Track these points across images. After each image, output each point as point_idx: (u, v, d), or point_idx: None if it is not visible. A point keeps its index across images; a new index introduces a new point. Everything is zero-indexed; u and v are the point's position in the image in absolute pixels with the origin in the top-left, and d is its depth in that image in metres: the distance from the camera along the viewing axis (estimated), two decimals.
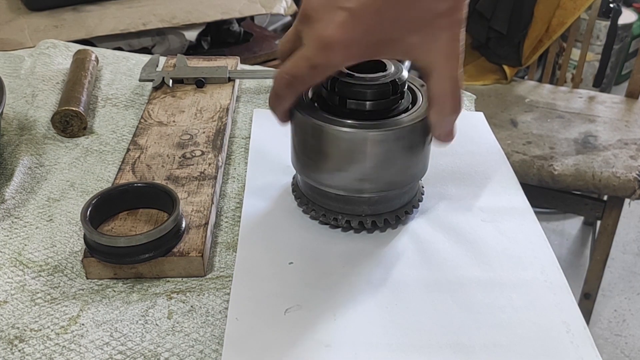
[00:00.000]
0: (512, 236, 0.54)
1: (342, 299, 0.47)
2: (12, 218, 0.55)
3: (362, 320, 0.45)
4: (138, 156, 0.60)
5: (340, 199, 0.52)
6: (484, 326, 0.45)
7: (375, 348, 0.43)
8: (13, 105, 0.73)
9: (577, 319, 0.46)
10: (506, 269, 0.50)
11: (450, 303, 0.47)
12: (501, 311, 0.46)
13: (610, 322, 1.69)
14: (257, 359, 0.42)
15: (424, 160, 0.52)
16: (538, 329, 0.45)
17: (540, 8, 1.63)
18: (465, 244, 0.53)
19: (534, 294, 0.48)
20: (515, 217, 0.56)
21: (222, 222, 0.55)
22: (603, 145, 1.44)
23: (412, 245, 0.52)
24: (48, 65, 0.81)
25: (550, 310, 0.46)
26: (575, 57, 1.79)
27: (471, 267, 0.50)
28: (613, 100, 1.64)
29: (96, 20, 1.40)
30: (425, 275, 0.49)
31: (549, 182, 1.36)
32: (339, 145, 0.48)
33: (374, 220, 0.52)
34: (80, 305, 0.47)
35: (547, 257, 0.51)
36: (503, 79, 1.71)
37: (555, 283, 0.49)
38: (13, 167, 0.62)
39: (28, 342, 0.44)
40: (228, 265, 0.51)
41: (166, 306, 0.47)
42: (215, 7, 1.52)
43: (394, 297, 0.47)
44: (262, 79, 0.79)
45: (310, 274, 0.49)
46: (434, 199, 0.58)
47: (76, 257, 0.51)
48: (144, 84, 0.77)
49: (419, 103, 0.50)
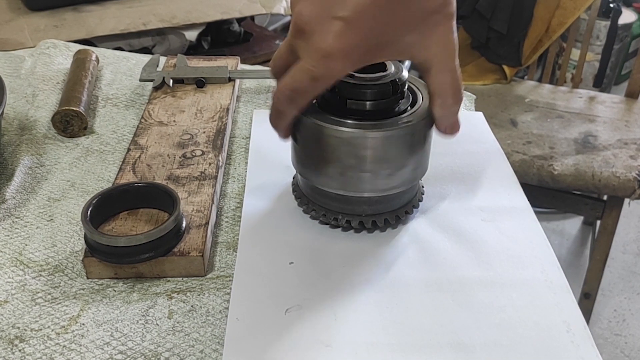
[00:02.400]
0: (512, 235, 0.54)
1: (342, 299, 0.47)
2: (13, 218, 0.55)
3: (362, 320, 0.45)
4: (138, 156, 0.60)
5: (340, 199, 0.52)
6: (485, 325, 0.45)
7: (375, 348, 0.43)
8: (14, 105, 0.73)
9: (577, 318, 0.46)
10: (506, 268, 0.50)
11: (451, 302, 0.47)
12: (501, 310, 0.46)
13: (610, 322, 1.69)
14: (258, 359, 0.42)
15: (424, 160, 0.52)
16: (538, 329, 0.45)
17: (540, 8, 1.63)
18: (466, 243, 0.53)
19: (534, 293, 0.48)
20: (515, 216, 0.56)
21: (222, 221, 0.55)
22: (603, 145, 1.44)
23: (412, 245, 0.52)
24: (48, 65, 0.82)
25: (551, 310, 0.47)
26: (575, 57, 1.79)
27: (471, 266, 0.50)
28: (613, 100, 1.64)
29: (96, 20, 1.40)
30: (426, 275, 0.50)
31: (549, 182, 1.36)
32: (339, 145, 0.48)
33: (374, 220, 0.53)
34: (80, 305, 0.47)
35: (547, 257, 0.51)
36: (503, 78, 1.71)
37: (555, 282, 0.49)
38: (14, 167, 0.62)
39: (28, 342, 0.44)
40: (228, 265, 0.51)
41: (166, 306, 0.47)
42: (215, 7, 1.52)
43: (395, 297, 0.47)
44: (262, 79, 0.79)
45: (311, 274, 0.49)
46: (434, 199, 0.58)
47: (77, 256, 0.51)
48: (144, 83, 0.77)
49: (419, 103, 0.50)
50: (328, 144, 0.48)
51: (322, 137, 0.48)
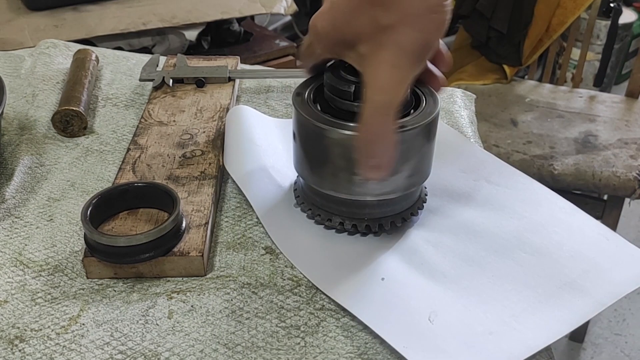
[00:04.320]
0: (523, 199, 0.57)
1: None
2: (13, 218, 0.55)
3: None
4: (138, 156, 0.60)
5: (344, 202, 0.51)
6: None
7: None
8: (13, 105, 0.73)
9: (609, 231, 0.54)
10: (526, 229, 0.53)
11: (492, 257, 0.50)
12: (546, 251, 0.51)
13: (610, 321, 1.69)
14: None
15: (428, 162, 0.52)
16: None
17: (541, 7, 1.62)
18: (479, 232, 0.53)
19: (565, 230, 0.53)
20: (521, 188, 0.59)
21: (222, 221, 0.55)
22: (603, 144, 1.44)
23: (424, 243, 0.52)
24: (48, 65, 0.81)
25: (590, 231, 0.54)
26: (576, 56, 1.79)
27: (493, 244, 0.52)
28: (613, 100, 1.64)
29: (96, 20, 1.40)
30: (457, 255, 0.51)
31: (549, 182, 1.35)
32: (342, 148, 0.48)
33: (381, 224, 0.52)
34: (80, 305, 0.47)
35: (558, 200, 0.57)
36: (503, 78, 1.71)
37: (580, 221, 0.55)
38: (13, 166, 0.62)
39: (28, 342, 0.44)
40: (228, 265, 0.51)
41: (166, 306, 0.47)
42: (215, 6, 1.52)
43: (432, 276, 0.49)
44: (262, 78, 0.79)
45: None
46: (437, 198, 0.57)
47: (76, 256, 0.51)
48: (144, 83, 0.77)
49: (422, 106, 0.50)
50: (330, 147, 0.48)
51: (324, 140, 0.48)
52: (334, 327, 0.46)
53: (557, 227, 0.54)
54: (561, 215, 0.55)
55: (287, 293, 0.48)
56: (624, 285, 0.48)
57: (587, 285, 0.48)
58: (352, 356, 0.43)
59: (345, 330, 0.45)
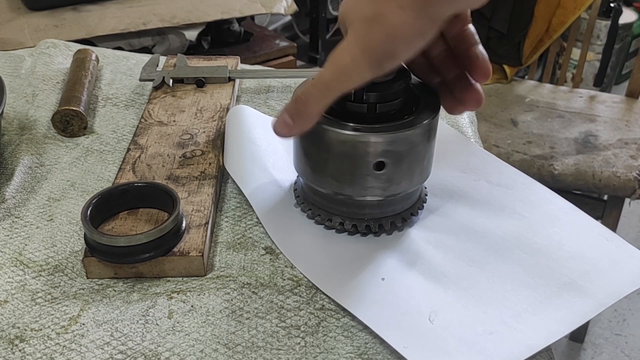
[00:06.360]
0: (523, 199, 0.57)
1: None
2: (13, 218, 0.55)
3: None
4: (138, 156, 0.60)
5: (344, 202, 0.52)
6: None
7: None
8: (13, 104, 0.73)
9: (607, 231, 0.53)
10: (533, 222, 0.54)
11: (492, 258, 0.50)
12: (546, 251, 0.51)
13: (611, 321, 1.69)
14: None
15: (428, 162, 0.52)
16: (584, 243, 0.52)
17: (541, 7, 1.62)
18: (479, 232, 0.53)
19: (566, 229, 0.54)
20: (521, 189, 0.59)
21: (222, 221, 0.55)
22: (603, 144, 1.44)
23: (424, 243, 0.52)
24: (48, 64, 0.81)
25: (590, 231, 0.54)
26: (576, 56, 1.79)
27: (493, 244, 0.52)
28: (613, 100, 1.64)
29: (96, 20, 1.41)
30: (464, 247, 0.51)
31: (549, 182, 1.35)
32: (342, 148, 0.48)
33: (381, 224, 0.52)
34: (80, 304, 0.47)
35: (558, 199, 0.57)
36: (503, 78, 1.71)
37: (580, 221, 0.55)
38: (13, 166, 0.62)
39: (29, 342, 0.44)
40: (228, 265, 0.51)
41: (167, 306, 0.47)
42: (215, 6, 1.52)
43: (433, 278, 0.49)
44: (262, 78, 0.79)
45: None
46: (437, 198, 0.57)
47: (77, 256, 0.51)
48: (144, 83, 0.77)
49: (422, 106, 0.50)
50: (330, 147, 0.48)
51: (324, 140, 0.48)
52: (334, 327, 0.46)
53: (557, 227, 0.54)
54: (561, 215, 0.55)
55: (287, 293, 0.48)
56: (624, 286, 0.48)
57: (587, 285, 0.48)
58: (352, 356, 0.43)
59: (346, 330, 0.45)
